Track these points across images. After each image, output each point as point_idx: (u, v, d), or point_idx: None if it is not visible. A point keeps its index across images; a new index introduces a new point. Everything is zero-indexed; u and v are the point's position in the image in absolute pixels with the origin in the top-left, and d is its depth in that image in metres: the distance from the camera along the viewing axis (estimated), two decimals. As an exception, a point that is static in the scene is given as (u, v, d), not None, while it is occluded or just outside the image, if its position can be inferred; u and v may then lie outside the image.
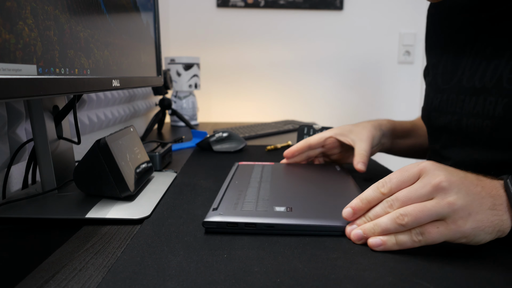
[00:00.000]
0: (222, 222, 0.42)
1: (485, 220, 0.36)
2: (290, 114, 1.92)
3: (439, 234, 0.36)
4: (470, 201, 0.36)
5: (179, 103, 1.48)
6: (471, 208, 0.36)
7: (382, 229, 0.38)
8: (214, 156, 0.85)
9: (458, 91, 0.62)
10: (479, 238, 0.37)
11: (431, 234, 0.36)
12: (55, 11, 0.42)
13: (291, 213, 0.44)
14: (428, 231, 0.36)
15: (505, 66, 0.54)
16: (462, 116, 0.60)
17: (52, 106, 0.54)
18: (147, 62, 0.78)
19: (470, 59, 0.60)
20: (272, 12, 1.84)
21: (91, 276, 0.33)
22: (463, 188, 0.37)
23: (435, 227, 0.36)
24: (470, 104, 0.59)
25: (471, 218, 0.36)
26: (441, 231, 0.36)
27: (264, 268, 0.34)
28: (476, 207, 0.36)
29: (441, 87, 0.66)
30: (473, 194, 0.37)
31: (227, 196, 0.50)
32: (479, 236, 0.37)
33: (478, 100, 0.58)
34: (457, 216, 0.36)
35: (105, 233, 0.43)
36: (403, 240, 0.37)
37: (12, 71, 0.34)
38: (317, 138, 0.70)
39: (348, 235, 0.41)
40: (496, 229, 0.37)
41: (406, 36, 1.89)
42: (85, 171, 0.51)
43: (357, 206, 0.41)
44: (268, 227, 0.42)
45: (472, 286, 0.32)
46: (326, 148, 0.72)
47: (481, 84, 0.57)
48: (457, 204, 0.36)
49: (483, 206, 0.37)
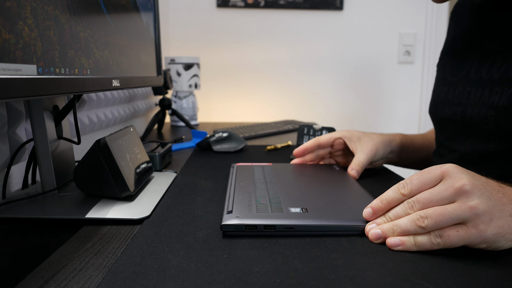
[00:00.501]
0: (240, 225, 0.41)
1: (506, 226, 0.36)
2: (290, 114, 1.92)
3: (459, 238, 0.36)
4: (492, 206, 0.36)
5: (179, 103, 1.48)
6: (493, 213, 0.36)
7: (401, 230, 0.38)
8: (214, 156, 0.85)
9: (465, 83, 0.63)
10: (499, 244, 0.36)
11: (451, 238, 0.36)
12: (55, 11, 0.42)
13: (307, 214, 0.44)
14: (448, 234, 0.36)
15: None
16: (468, 107, 0.61)
17: (52, 106, 0.54)
18: (147, 62, 0.78)
19: (479, 53, 0.62)
20: (272, 12, 1.84)
21: (91, 276, 0.33)
22: (485, 192, 0.36)
23: (455, 230, 0.36)
24: (476, 95, 0.60)
25: (493, 223, 0.35)
26: (461, 235, 0.36)
27: (264, 268, 0.34)
28: (498, 212, 0.36)
29: (449, 80, 0.67)
30: (495, 199, 0.37)
31: (238, 198, 0.49)
32: (499, 242, 0.36)
33: (484, 91, 0.58)
34: (479, 221, 0.35)
35: (105, 233, 0.43)
36: (422, 242, 0.37)
37: (12, 71, 0.34)
38: (327, 137, 0.71)
39: (366, 234, 0.41)
40: None
41: (406, 36, 1.89)
42: (85, 171, 0.51)
43: (377, 206, 0.41)
44: (288, 228, 0.41)
45: (472, 286, 0.32)
46: (333, 149, 0.73)
47: (488, 75, 0.58)
48: (479, 209, 0.35)
49: (505, 212, 0.36)
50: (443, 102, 0.68)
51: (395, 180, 0.65)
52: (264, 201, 0.48)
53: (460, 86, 0.64)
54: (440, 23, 1.89)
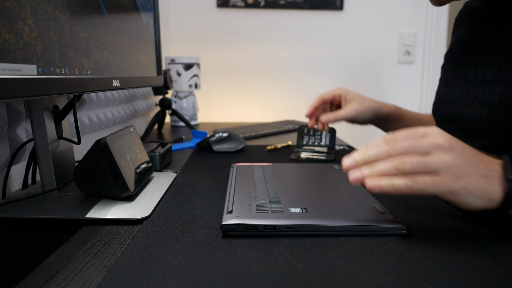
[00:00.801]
0: (240, 225, 0.41)
1: (476, 185, 0.39)
2: (290, 114, 1.92)
3: (432, 184, 0.38)
4: (465, 164, 0.39)
5: (179, 103, 1.48)
6: (465, 170, 0.39)
7: (380, 172, 0.40)
8: (214, 156, 0.85)
9: (464, 83, 0.67)
10: (467, 200, 0.39)
11: (425, 183, 0.38)
12: (55, 11, 0.42)
13: (307, 214, 0.44)
14: (423, 180, 0.38)
15: (504, 57, 0.59)
16: (466, 105, 0.65)
17: (52, 106, 0.54)
18: (147, 62, 0.78)
19: (477, 55, 0.66)
20: (272, 12, 1.84)
21: (91, 276, 0.33)
22: (462, 152, 0.40)
23: (430, 177, 0.38)
24: (473, 94, 0.64)
25: (463, 178, 0.39)
26: (435, 181, 0.38)
27: (264, 268, 0.34)
28: (470, 171, 0.39)
29: (450, 80, 0.72)
30: (470, 160, 0.40)
31: (238, 199, 0.49)
32: (467, 197, 0.39)
33: (479, 90, 0.62)
34: (450, 172, 0.39)
35: (105, 233, 0.43)
36: (399, 184, 0.39)
37: (12, 71, 0.34)
38: (329, 94, 0.86)
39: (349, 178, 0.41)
40: (486, 196, 0.39)
41: (406, 36, 1.89)
42: (85, 171, 0.51)
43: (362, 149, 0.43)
44: (288, 228, 0.42)
45: (472, 286, 0.32)
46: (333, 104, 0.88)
47: (483, 75, 0.62)
48: (453, 163, 0.39)
49: (476, 172, 0.40)
50: (445, 101, 0.71)
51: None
52: (264, 201, 0.48)
53: (460, 86, 0.67)
54: (440, 23, 1.89)
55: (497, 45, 0.61)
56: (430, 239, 0.41)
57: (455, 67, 0.71)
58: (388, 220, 0.43)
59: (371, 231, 0.42)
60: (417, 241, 0.40)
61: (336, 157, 0.84)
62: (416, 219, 0.47)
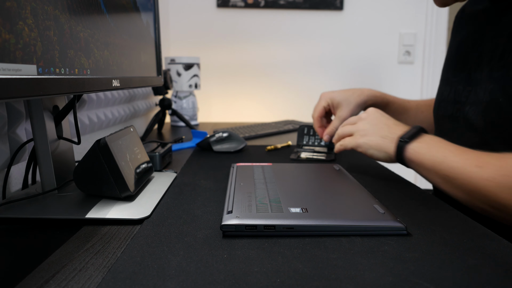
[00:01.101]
0: (240, 225, 0.41)
1: (374, 140, 0.63)
2: (290, 114, 1.92)
3: (348, 141, 0.67)
4: (370, 128, 0.65)
5: (179, 103, 1.48)
6: (368, 132, 0.65)
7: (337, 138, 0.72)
8: (214, 156, 0.85)
9: (465, 82, 0.69)
10: (370, 152, 0.64)
11: (345, 141, 0.68)
12: (55, 11, 0.42)
13: (307, 214, 0.44)
14: (346, 139, 0.68)
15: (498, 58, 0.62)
16: (465, 105, 0.68)
17: (52, 106, 0.54)
18: (147, 62, 0.78)
19: (476, 55, 0.68)
20: (272, 12, 1.84)
21: (91, 276, 0.33)
22: (372, 122, 0.66)
23: (349, 137, 0.68)
24: (471, 94, 0.67)
25: (366, 137, 0.65)
26: (350, 139, 0.67)
27: (264, 268, 0.34)
28: (372, 132, 0.64)
29: (451, 79, 0.75)
30: (376, 126, 0.65)
31: (238, 199, 0.49)
32: (369, 150, 0.64)
33: (477, 89, 0.65)
34: (358, 133, 0.66)
35: (105, 233, 0.43)
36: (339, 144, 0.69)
37: (12, 71, 0.34)
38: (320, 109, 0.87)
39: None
40: (383, 149, 0.62)
41: (406, 36, 1.89)
42: (85, 171, 0.51)
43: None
44: (288, 228, 0.41)
45: (472, 286, 0.32)
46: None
47: (480, 76, 0.66)
48: (361, 127, 0.66)
49: (377, 133, 0.64)
50: (446, 100, 0.75)
51: (394, 180, 0.65)
52: (264, 201, 0.48)
53: (461, 86, 0.71)
54: (440, 23, 1.89)
55: (494, 47, 0.63)
56: (430, 239, 0.41)
57: (456, 67, 0.74)
58: (388, 220, 0.43)
59: (371, 231, 0.42)
60: (417, 241, 0.40)
61: (336, 157, 0.84)
62: (416, 219, 0.47)
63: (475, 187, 0.50)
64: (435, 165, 0.55)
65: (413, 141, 0.58)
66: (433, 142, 0.57)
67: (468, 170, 0.50)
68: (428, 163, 0.56)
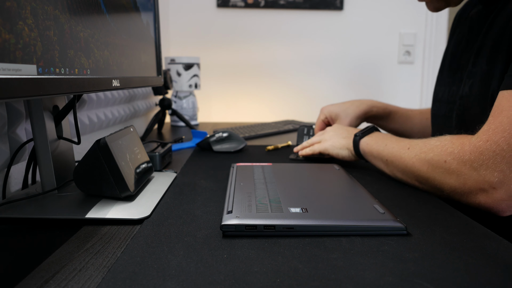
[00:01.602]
0: (240, 225, 0.41)
1: (337, 142, 0.75)
2: (290, 114, 1.92)
3: (317, 146, 0.78)
4: (333, 134, 0.77)
5: (179, 103, 1.48)
6: (332, 137, 0.77)
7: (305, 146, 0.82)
8: (214, 156, 0.85)
9: (459, 83, 0.72)
10: (336, 151, 0.75)
11: (314, 147, 0.79)
12: (55, 11, 0.42)
13: (307, 214, 0.44)
14: (315, 145, 0.79)
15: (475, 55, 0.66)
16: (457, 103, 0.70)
17: (52, 106, 0.54)
18: (147, 62, 0.78)
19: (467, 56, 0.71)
20: (272, 12, 1.84)
21: (91, 276, 0.33)
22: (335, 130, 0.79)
23: (318, 144, 0.79)
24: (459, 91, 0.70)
25: (330, 140, 0.77)
26: (319, 145, 0.78)
27: (264, 268, 0.34)
28: (334, 136, 0.77)
29: (446, 80, 0.78)
30: (337, 132, 0.77)
31: (237, 199, 0.49)
32: (335, 150, 0.75)
33: (464, 87, 0.68)
34: (324, 139, 0.78)
35: (105, 233, 0.43)
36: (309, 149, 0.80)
37: (12, 71, 0.34)
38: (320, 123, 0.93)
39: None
40: (345, 147, 0.74)
41: (406, 36, 1.89)
42: (85, 171, 0.51)
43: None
44: (288, 228, 0.41)
45: (472, 286, 0.32)
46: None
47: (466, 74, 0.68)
48: (327, 135, 0.78)
49: (339, 136, 0.76)
50: (441, 100, 0.78)
51: (394, 180, 0.65)
52: (264, 201, 0.48)
53: (455, 86, 0.73)
54: (440, 23, 1.89)
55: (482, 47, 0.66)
56: (430, 239, 0.41)
57: (450, 68, 0.77)
58: (388, 220, 0.43)
59: (371, 231, 0.42)
60: (417, 241, 0.40)
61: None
62: (416, 219, 0.47)
63: (406, 166, 0.60)
64: (379, 151, 0.65)
65: (365, 137, 0.70)
66: (380, 136, 0.68)
67: (402, 152, 0.61)
68: (374, 151, 0.67)
